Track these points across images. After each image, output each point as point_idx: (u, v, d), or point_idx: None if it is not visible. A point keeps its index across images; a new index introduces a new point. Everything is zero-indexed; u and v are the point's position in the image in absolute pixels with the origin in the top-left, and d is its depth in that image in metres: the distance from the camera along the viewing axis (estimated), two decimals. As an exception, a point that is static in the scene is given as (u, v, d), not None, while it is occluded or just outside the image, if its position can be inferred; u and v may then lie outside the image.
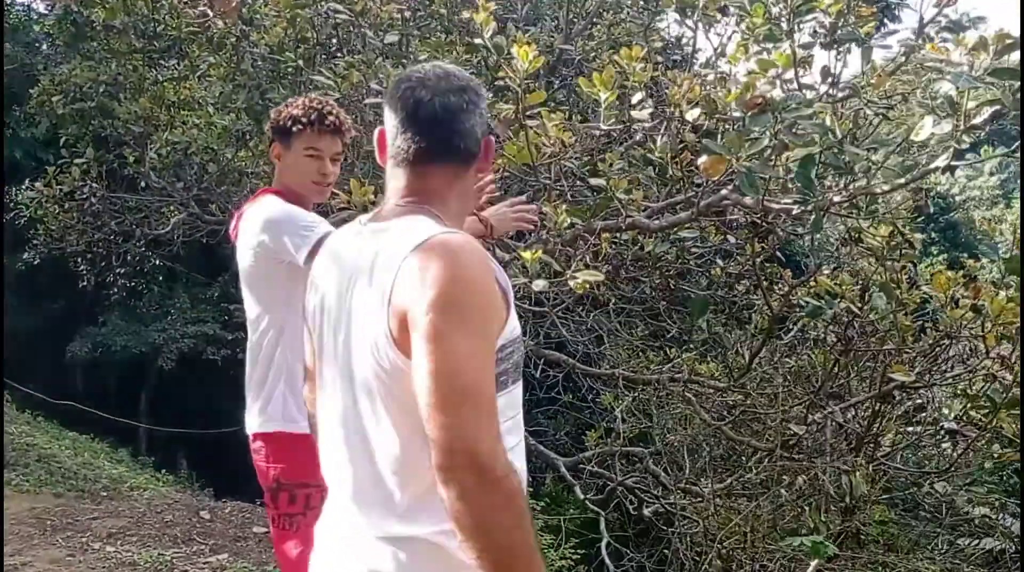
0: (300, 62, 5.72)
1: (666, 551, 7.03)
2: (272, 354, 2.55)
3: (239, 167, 7.50)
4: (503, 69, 3.53)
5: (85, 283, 10.63)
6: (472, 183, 1.61)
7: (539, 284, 3.29)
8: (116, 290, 14.08)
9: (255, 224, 2.53)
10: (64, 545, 4.36)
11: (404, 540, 1.41)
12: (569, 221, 3.61)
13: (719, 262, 5.74)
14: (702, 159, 3.29)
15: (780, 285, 5.53)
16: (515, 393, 1.52)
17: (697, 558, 5.30)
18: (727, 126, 3.65)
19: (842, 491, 4.25)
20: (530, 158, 3.67)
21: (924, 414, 4.99)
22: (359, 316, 1.46)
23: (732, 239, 5.61)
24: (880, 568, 4.62)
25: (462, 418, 1.29)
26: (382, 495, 1.44)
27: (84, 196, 7.52)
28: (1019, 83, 2.66)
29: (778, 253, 5.71)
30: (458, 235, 1.44)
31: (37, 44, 11.92)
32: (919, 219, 4.52)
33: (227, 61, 6.43)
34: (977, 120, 2.87)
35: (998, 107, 2.80)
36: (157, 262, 13.30)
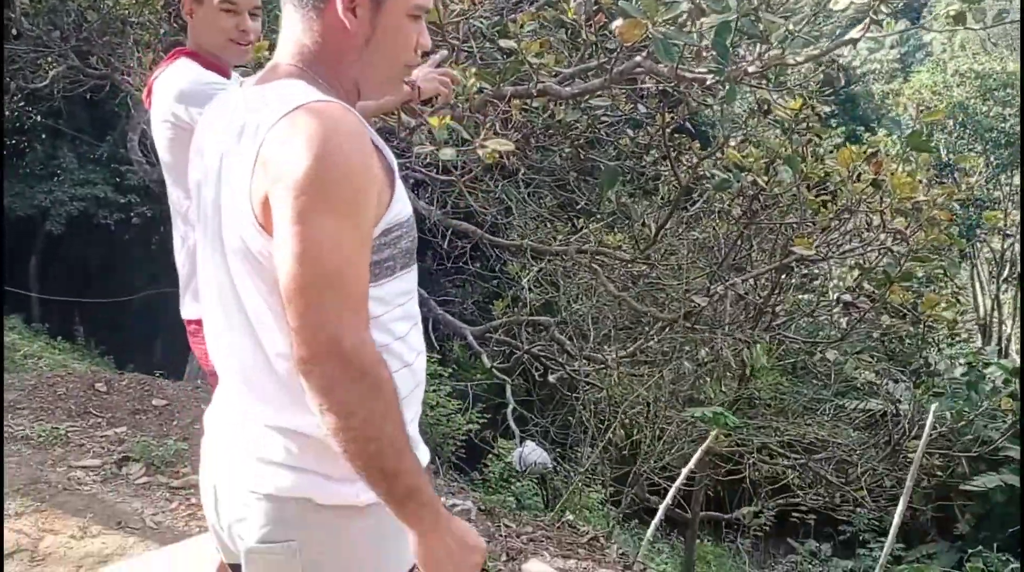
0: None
1: (570, 417, 7.27)
2: None
3: (121, 15, 6.93)
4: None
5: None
6: (343, 32, 1.37)
7: (447, 152, 3.15)
8: (-6, 148, 13.21)
9: (168, 94, 2.27)
10: (-53, 419, 4.18)
11: (292, 430, 1.34)
12: (479, 86, 3.45)
13: (628, 132, 5.66)
14: (617, 23, 3.14)
15: (688, 156, 5.52)
16: (406, 278, 1.42)
17: (600, 425, 5.46)
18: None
19: (740, 361, 4.39)
20: (437, 16, 3.45)
21: (817, 284, 5.14)
22: (227, 194, 1.33)
23: (643, 108, 5.53)
24: (771, 431, 4.86)
25: (324, 307, 1.20)
26: (271, 382, 1.35)
27: (-54, 44, 6.85)
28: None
29: (687, 124, 5.68)
30: (329, 103, 1.28)
31: None
32: (827, 92, 4.50)
33: None
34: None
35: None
36: (39, 118, 12.45)
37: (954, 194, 4.69)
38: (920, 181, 4.43)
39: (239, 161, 1.29)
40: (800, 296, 5.26)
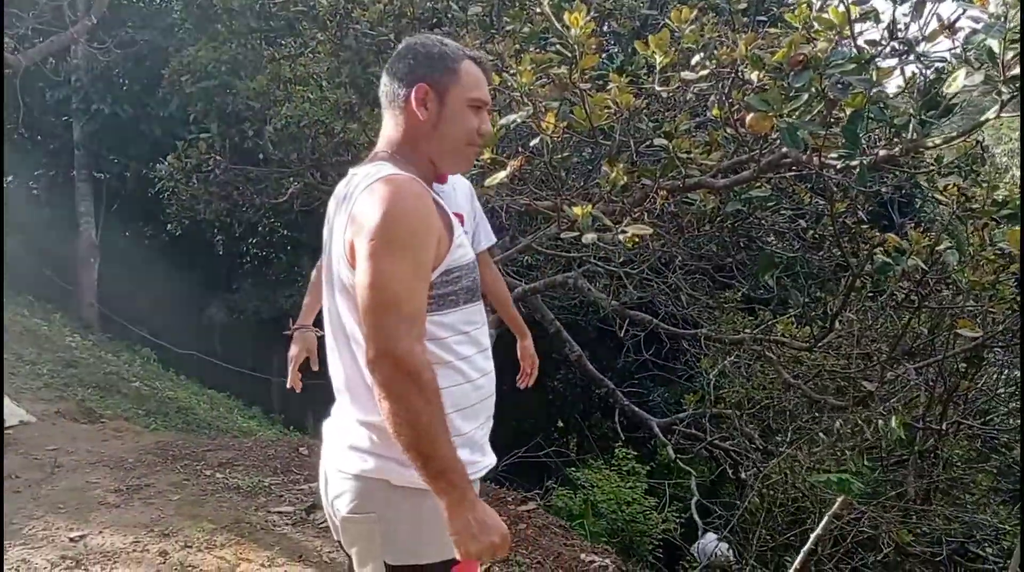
0: (393, 36, 6.03)
1: (757, 511, 7.11)
2: None
3: (349, 138, 7.93)
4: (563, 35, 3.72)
5: (220, 252, 11.38)
6: (416, 127, 1.82)
7: (589, 237, 3.48)
8: (248, 258, 15.07)
9: None
10: (182, 471, 4.95)
11: (375, 425, 1.71)
12: (624, 179, 3.77)
13: (803, 223, 5.74)
14: (748, 117, 3.40)
15: (866, 245, 5.49)
16: (469, 311, 1.81)
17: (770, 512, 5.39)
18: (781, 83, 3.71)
19: (878, 435, 4.26)
20: (589, 121, 3.84)
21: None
22: (333, 244, 1.79)
23: (822, 201, 5.61)
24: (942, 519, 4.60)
25: (385, 323, 1.58)
26: (363, 387, 1.74)
27: (210, 168, 8.14)
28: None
29: (865, 215, 5.67)
30: (399, 175, 1.70)
31: (175, 29, 12.79)
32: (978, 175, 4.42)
33: (331, 38, 6.82)
34: (1016, 71, 2.87)
35: (1035, 57, 2.80)
36: (284, 232, 14.13)
37: None
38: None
39: (339, 220, 1.75)
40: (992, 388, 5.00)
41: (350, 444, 1.78)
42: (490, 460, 1.83)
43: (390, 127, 1.86)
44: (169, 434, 6.76)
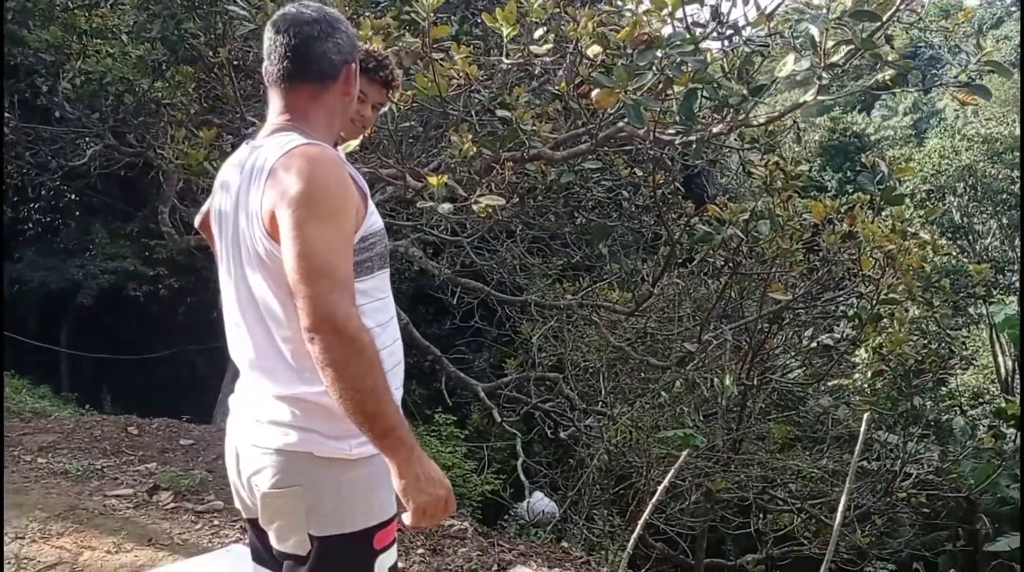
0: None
1: (579, 469, 7.49)
2: None
3: (156, 98, 7.46)
4: (412, 3, 3.71)
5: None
6: (335, 103, 1.86)
7: (444, 207, 3.52)
8: (31, 225, 13.82)
9: None
10: (-4, 459, 4.56)
11: (296, 398, 1.71)
12: (475, 150, 3.84)
13: (624, 193, 6.04)
14: (594, 92, 3.55)
15: (683, 216, 5.88)
16: (381, 277, 1.84)
17: (601, 471, 5.71)
18: (622, 61, 3.88)
19: (714, 392, 4.66)
20: (438, 91, 3.86)
21: (810, 333, 5.43)
22: (243, 216, 1.76)
23: (639, 172, 5.93)
24: (763, 468, 5.09)
25: (320, 289, 1.59)
26: (279, 362, 1.73)
27: (-5, 126, 7.40)
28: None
29: (681, 186, 6.06)
30: (315, 146, 1.72)
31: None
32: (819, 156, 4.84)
33: (141, -10, 6.38)
34: (835, 58, 3.18)
35: (852, 47, 3.11)
36: (73, 196, 13.06)
37: (929, 245, 5.00)
38: (895, 231, 4.76)
39: (254, 193, 1.73)
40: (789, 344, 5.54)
41: (269, 419, 1.75)
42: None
43: (302, 99, 1.82)
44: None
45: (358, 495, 1.73)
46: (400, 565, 2.57)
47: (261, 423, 1.77)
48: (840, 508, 3.67)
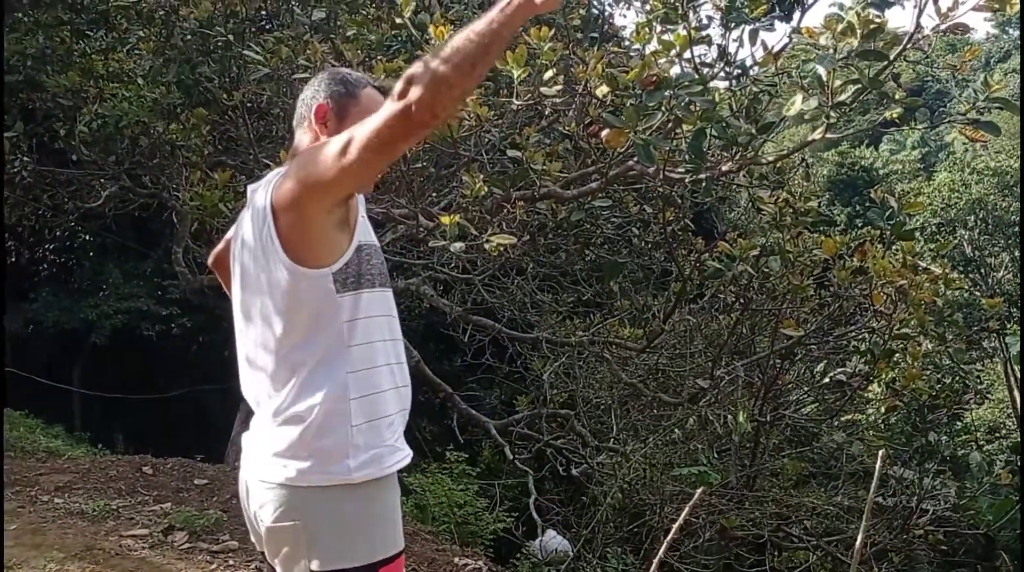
0: (230, 36, 5.85)
1: (593, 507, 7.44)
2: None
3: (171, 140, 7.57)
4: (423, 46, 3.78)
5: (15, 259, 10.50)
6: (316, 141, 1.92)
7: (456, 246, 3.55)
8: (46, 266, 13.95)
9: None
10: (14, 498, 4.58)
11: (295, 416, 1.77)
12: (486, 189, 3.88)
13: (635, 231, 6.08)
14: (604, 132, 3.60)
15: (694, 252, 5.91)
16: (382, 295, 1.88)
17: (615, 509, 5.67)
18: (632, 102, 3.94)
19: (727, 428, 4.64)
20: (449, 131, 3.92)
21: (821, 368, 5.41)
22: (254, 247, 1.82)
23: (648, 209, 5.97)
24: (779, 505, 5.06)
25: (372, 123, 1.59)
26: (279, 384, 1.80)
27: (15, 170, 7.51)
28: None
29: (690, 222, 6.09)
30: None
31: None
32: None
33: (157, 35, 6.51)
34: (843, 97, 3.22)
35: (859, 85, 3.15)
36: (88, 237, 13.20)
37: (940, 279, 4.99)
38: (906, 266, 4.76)
39: (252, 212, 1.82)
40: (802, 381, 5.52)
41: (272, 451, 1.80)
42: (409, 455, 1.91)
43: (301, 144, 1.95)
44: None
45: (358, 528, 1.77)
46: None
47: (266, 456, 1.82)
48: (856, 546, 3.64)
